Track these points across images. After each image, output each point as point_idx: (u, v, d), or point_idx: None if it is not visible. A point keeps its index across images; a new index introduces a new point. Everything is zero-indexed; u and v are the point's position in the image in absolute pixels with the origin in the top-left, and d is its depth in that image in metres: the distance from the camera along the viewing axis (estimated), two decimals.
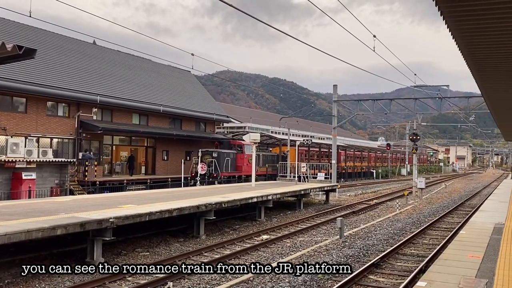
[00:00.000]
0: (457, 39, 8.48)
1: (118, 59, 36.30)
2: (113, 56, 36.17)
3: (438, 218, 20.50)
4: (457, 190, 40.41)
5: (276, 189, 23.15)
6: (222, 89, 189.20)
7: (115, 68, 34.60)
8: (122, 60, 36.81)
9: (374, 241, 14.85)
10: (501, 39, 8.51)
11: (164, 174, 33.56)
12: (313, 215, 21.77)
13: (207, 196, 17.93)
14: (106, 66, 33.72)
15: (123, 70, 35.31)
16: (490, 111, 19.55)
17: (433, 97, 33.74)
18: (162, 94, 36.42)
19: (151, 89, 35.74)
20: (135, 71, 36.69)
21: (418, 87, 33.30)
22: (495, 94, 14.22)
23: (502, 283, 7.11)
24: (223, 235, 16.51)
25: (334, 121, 34.43)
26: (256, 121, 62.96)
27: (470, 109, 34.00)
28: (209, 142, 39.30)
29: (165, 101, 35.26)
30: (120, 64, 35.77)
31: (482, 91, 13.79)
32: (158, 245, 14.42)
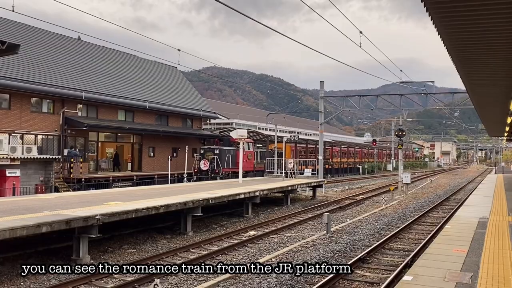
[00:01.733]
0: (442, 36, 8.56)
1: (103, 55, 35.93)
2: (98, 51, 35.79)
3: (424, 213, 20.71)
4: (442, 185, 40.89)
5: (263, 185, 23.17)
6: (209, 86, 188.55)
7: (101, 64, 34.24)
8: (108, 56, 36.45)
9: (361, 236, 14.95)
10: (485, 36, 8.61)
11: (150, 171, 33.39)
12: (300, 211, 21.85)
13: (194, 193, 17.88)
14: (91, 62, 33.36)
15: (109, 66, 34.97)
16: (475, 107, 19.81)
17: (419, 93, 34.02)
18: (148, 90, 36.18)
19: (137, 85, 35.48)
20: (120, 67, 36.35)
21: (404, 83, 33.57)
22: (479, 90, 14.40)
23: (487, 276, 7.21)
24: (210, 232, 16.49)
25: (321, 117, 34.54)
26: (243, 117, 62.90)
27: (455, 105, 34.41)
28: (196, 138, 39.17)
29: (151, 97, 35.03)
30: (105, 60, 35.41)
31: (466, 87, 13.94)
32: (145, 242, 14.35)
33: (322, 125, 34.71)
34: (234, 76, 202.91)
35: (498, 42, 8.92)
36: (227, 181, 27.53)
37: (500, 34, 8.46)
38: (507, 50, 9.35)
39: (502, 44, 9.01)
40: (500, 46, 9.18)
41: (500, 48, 9.28)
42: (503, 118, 21.47)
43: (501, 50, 9.42)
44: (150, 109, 34.03)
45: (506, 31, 8.23)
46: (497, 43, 8.95)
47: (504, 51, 9.50)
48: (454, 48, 9.38)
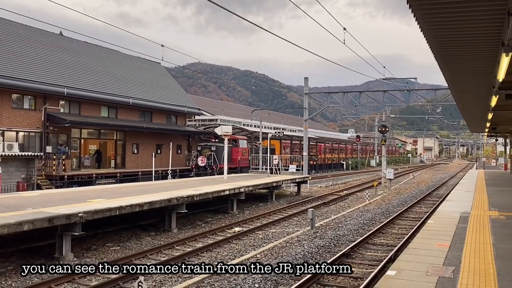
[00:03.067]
0: (425, 32, 8.64)
1: (86, 50, 35.47)
2: (81, 47, 35.32)
3: (407, 208, 20.95)
4: (424, 181, 41.40)
5: (248, 181, 23.18)
6: (193, 82, 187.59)
7: (83, 59, 33.81)
8: (90, 51, 36.00)
9: (345, 232, 15.06)
10: (466, 33, 8.71)
11: (134, 168, 33.15)
12: (285, 207, 21.91)
13: (179, 190, 17.80)
14: (73, 57, 32.92)
15: (91, 61, 34.55)
16: (456, 103, 20.05)
17: (402, 90, 34.36)
18: (132, 86, 35.87)
19: (120, 81, 35.14)
20: (103, 62, 35.95)
21: (387, 79, 33.86)
22: (461, 86, 14.57)
23: (468, 270, 7.32)
24: (195, 228, 16.45)
25: (305, 113, 34.65)
26: (228, 113, 62.74)
27: (437, 101, 34.78)
28: (181, 135, 38.98)
29: (135, 94, 34.75)
30: (88, 56, 34.97)
31: (448, 83, 14.11)
32: (129, 239, 14.24)
33: (306, 122, 34.83)
34: (219, 72, 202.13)
35: (478, 39, 9.04)
36: (212, 178, 27.49)
37: (480, 31, 8.57)
38: (487, 47, 9.47)
39: (483, 41, 9.13)
40: (482, 43, 9.30)
41: (482, 44, 9.40)
42: (484, 114, 21.80)
43: (482, 46, 9.54)
44: (134, 105, 33.75)
45: (486, 28, 8.34)
46: (477, 40, 9.07)
47: (484, 48, 9.63)
48: (436, 45, 9.47)
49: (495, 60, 10.03)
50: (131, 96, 33.66)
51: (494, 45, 9.15)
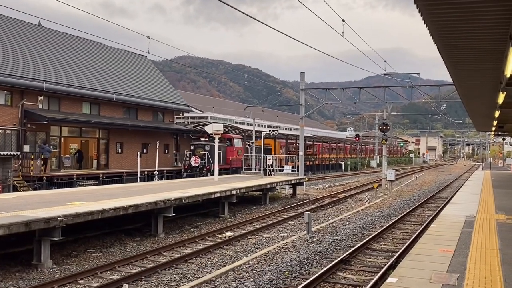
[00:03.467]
0: (428, 25, 8.65)
1: (66, 43, 35.27)
2: (61, 39, 35.11)
3: (409, 211, 21.04)
4: (427, 182, 41.61)
5: (240, 183, 23.16)
6: (182, 76, 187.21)
7: (63, 52, 33.62)
8: (71, 43, 35.80)
9: (343, 236, 15.10)
10: (472, 25, 8.73)
11: (118, 168, 33.04)
12: (279, 210, 21.93)
13: (166, 192, 17.76)
14: (53, 50, 32.72)
15: (73, 54, 34.37)
16: (462, 100, 20.15)
17: (404, 85, 34.47)
18: (116, 81, 35.73)
19: (104, 76, 34.99)
20: (85, 55, 35.77)
21: (388, 75, 33.98)
22: (466, 82, 14.63)
23: (473, 277, 7.36)
24: (183, 233, 16.41)
25: (302, 110, 34.69)
26: (219, 110, 62.69)
27: (441, 98, 34.98)
28: (168, 133, 38.88)
29: (119, 89, 34.62)
30: (69, 48, 34.77)
31: (453, 79, 14.17)
32: (112, 245, 14.19)
33: (302, 119, 34.88)
34: (209, 66, 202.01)
35: (486, 32, 9.06)
36: (201, 179, 27.46)
37: (488, 24, 8.59)
38: (495, 40, 9.50)
39: (490, 34, 9.15)
40: (488, 36, 9.32)
41: (488, 38, 9.42)
42: (490, 111, 21.92)
43: (489, 40, 9.57)
44: (118, 101, 33.62)
45: (493, 20, 8.36)
46: (485, 33, 9.09)
47: (492, 41, 9.65)
48: (440, 38, 9.50)
49: (503, 54, 10.08)
50: (115, 91, 33.52)
51: (502, 38, 9.18)
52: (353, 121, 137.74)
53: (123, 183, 26.61)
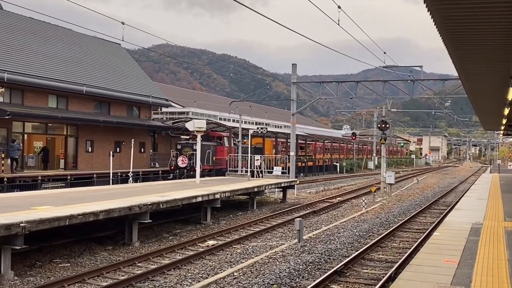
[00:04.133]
0: (432, 12, 8.69)
1: (31, 28, 34.92)
2: (24, 24, 34.75)
3: (409, 217, 21.18)
4: (430, 186, 41.94)
5: (225, 186, 23.13)
6: (160, 67, 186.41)
7: (27, 39, 33.28)
8: (36, 29, 35.46)
9: (337, 245, 15.16)
10: (480, 13, 8.78)
11: (88, 169, 32.83)
12: (268, 216, 21.94)
13: (142, 196, 17.68)
14: (15, 36, 32.38)
15: (38, 41, 34.05)
16: (468, 95, 20.34)
17: (405, 80, 34.67)
18: (86, 71, 35.47)
19: (72, 66, 34.72)
20: (52, 43, 35.47)
21: (388, 68, 34.15)
22: (473, 76, 14.75)
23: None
24: (161, 242, 16.35)
25: (293, 106, 34.74)
26: (202, 105, 62.56)
27: (445, 94, 35.21)
28: (145, 130, 38.70)
29: (90, 80, 34.37)
30: (33, 34, 34.43)
31: (459, 72, 14.28)
32: (81, 254, 14.09)
33: (294, 116, 34.93)
34: (191, 56, 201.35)
35: (496, 21, 9.09)
36: (181, 182, 27.38)
37: (497, 12, 8.64)
38: (504, 30, 9.56)
39: (501, 23, 9.19)
40: (499, 25, 9.36)
41: (499, 27, 9.47)
42: (499, 108, 22.16)
43: (499, 29, 9.61)
44: (88, 94, 33.38)
45: (503, 8, 8.40)
46: (495, 21, 9.12)
47: (502, 31, 9.70)
48: (445, 28, 9.55)
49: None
50: (85, 83, 33.27)
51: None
52: (349, 118, 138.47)
53: (93, 186, 26.42)
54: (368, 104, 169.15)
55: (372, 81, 38.35)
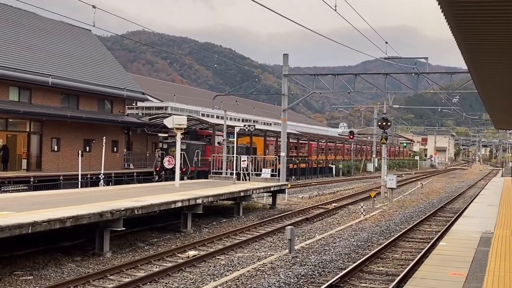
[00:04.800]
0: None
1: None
2: None
3: (413, 226, 21.30)
4: (436, 191, 42.21)
5: (207, 190, 23.10)
6: (135, 56, 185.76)
7: None
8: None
9: (333, 256, 15.19)
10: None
11: (54, 170, 32.63)
12: (255, 224, 21.95)
13: (115, 200, 17.60)
14: None
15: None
16: (478, 91, 20.45)
17: (408, 73, 34.86)
18: (52, 60, 35.22)
19: (37, 54, 34.46)
20: (13, 28, 35.15)
21: (390, 59, 34.32)
22: (484, 69, 14.82)
23: None
24: (135, 252, 16.29)
25: (284, 101, 34.76)
26: (182, 99, 62.42)
27: (453, 89, 35.45)
28: (118, 127, 38.50)
29: (56, 71, 34.13)
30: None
31: (468, 65, 14.34)
32: (45, 266, 14.00)
33: (285, 112, 34.95)
34: (170, 44, 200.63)
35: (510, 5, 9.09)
36: (159, 185, 27.31)
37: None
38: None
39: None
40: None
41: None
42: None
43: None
44: (54, 86, 33.16)
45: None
46: (510, 6, 9.12)
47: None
48: (453, 14, 9.57)
49: None
50: (50, 74, 33.02)
51: None
52: (347, 115, 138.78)
53: (60, 189, 26.29)
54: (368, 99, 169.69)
55: (372, 74, 38.53)
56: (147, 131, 42.12)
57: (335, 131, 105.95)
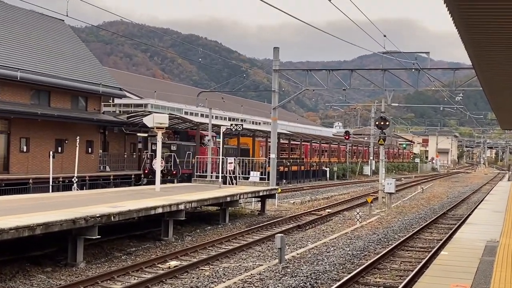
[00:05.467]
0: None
1: None
2: None
3: (412, 234, 21.38)
4: (437, 196, 42.42)
5: (190, 194, 23.05)
6: (112, 49, 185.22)
7: None
8: None
9: (326, 267, 15.21)
10: None
11: (22, 172, 32.42)
12: (243, 231, 21.95)
13: (89, 206, 17.52)
14: None
15: None
16: (483, 88, 20.56)
17: (408, 68, 34.98)
18: (21, 53, 35.00)
19: (4, 46, 34.22)
20: None
21: (389, 54, 34.40)
22: (490, 65, 14.91)
23: None
24: (111, 262, 16.23)
25: (275, 98, 34.77)
26: (164, 96, 62.31)
27: (456, 86, 35.61)
28: (93, 126, 38.33)
29: (26, 64, 33.92)
30: None
31: (473, 60, 14.41)
32: (13, 277, 13.92)
33: (276, 110, 34.97)
34: (151, 36, 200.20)
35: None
36: (138, 189, 27.22)
37: None
38: None
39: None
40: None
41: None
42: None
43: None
44: (23, 81, 32.94)
45: None
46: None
47: None
48: (456, 5, 9.61)
49: None
50: (19, 67, 32.81)
51: None
52: (342, 114, 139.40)
53: (29, 194, 26.11)
54: (365, 97, 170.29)
55: (369, 69, 38.75)
56: (125, 131, 41.92)
57: (329, 131, 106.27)
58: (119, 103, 51.60)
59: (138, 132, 42.21)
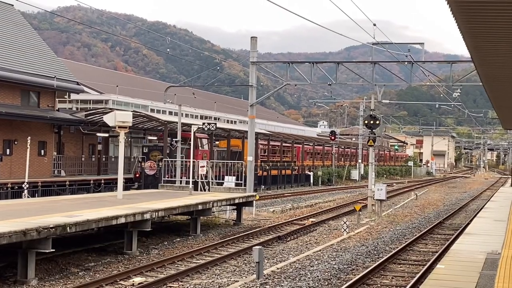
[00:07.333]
0: None
1: None
2: None
3: (405, 245, 21.50)
4: (433, 203, 42.72)
5: (157, 202, 22.98)
6: (68, 38, 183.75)
7: None
8: None
9: (310, 282, 15.25)
10: None
11: None
12: (216, 244, 21.91)
13: (43, 215, 17.39)
14: None
15: None
16: (483, 84, 20.74)
17: (400, 61, 35.21)
18: None
19: None
20: None
21: (379, 45, 34.59)
22: (490, 58, 15.03)
23: None
24: (67, 279, 16.11)
25: (252, 94, 34.78)
26: (127, 91, 61.96)
27: (454, 81, 35.92)
28: (46, 125, 38.01)
29: None
30: None
31: (472, 53, 14.53)
32: None
33: (253, 107, 34.98)
34: (112, 24, 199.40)
35: None
36: (98, 196, 27.05)
37: None
38: None
39: None
40: None
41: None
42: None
43: None
44: None
45: None
46: None
47: None
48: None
49: None
50: None
51: None
52: (327, 111, 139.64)
53: None
54: (352, 93, 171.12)
55: (357, 62, 38.96)
56: (82, 130, 41.64)
57: (313, 130, 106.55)
58: (76, 99, 51.23)
59: (97, 132, 41.90)
